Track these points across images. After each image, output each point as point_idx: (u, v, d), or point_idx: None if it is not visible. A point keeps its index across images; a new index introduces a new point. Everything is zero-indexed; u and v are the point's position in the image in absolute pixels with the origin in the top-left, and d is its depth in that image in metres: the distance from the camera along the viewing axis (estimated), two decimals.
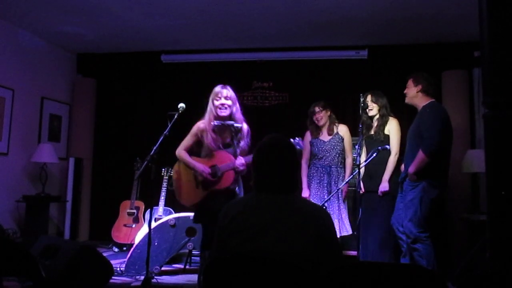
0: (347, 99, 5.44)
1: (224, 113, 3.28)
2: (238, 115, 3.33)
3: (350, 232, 4.24)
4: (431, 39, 5.27)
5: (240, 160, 3.22)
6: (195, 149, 3.41)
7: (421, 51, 5.40)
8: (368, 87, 4.45)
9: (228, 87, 3.36)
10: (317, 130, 4.43)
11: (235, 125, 3.26)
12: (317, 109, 4.38)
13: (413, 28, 4.95)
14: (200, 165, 3.25)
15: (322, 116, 4.37)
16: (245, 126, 3.36)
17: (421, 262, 3.57)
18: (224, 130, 3.33)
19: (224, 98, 3.29)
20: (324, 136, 4.41)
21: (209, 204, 3.25)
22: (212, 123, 3.29)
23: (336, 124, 4.45)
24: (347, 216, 4.31)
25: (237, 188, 3.34)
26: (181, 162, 3.38)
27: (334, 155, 4.36)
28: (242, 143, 3.29)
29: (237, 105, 3.36)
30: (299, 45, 5.67)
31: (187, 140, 3.39)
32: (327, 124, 4.41)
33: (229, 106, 3.29)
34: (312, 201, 4.24)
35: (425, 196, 3.61)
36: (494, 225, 1.49)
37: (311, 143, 4.45)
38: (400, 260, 3.83)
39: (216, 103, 3.29)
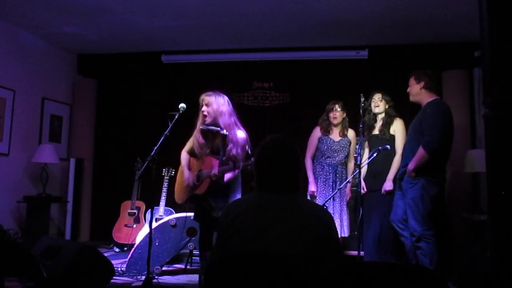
0: (347, 99, 5.43)
1: (207, 119, 3.32)
2: (225, 120, 3.28)
3: (347, 234, 4.30)
4: (431, 39, 5.27)
5: (214, 170, 3.21)
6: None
7: (421, 51, 5.39)
8: (368, 87, 4.44)
9: (211, 94, 3.34)
10: (328, 127, 4.42)
11: (221, 132, 3.26)
12: (337, 107, 4.36)
13: (413, 28, 4.95)
14: (187, 173, 3.39)
15: (338, 115, 4.37)
16: (240, 134, 3.31)
17: (424, 261, 3.58)
18: (213, 135, 3.34)
19: (205, 105, 3.33)
20: (335, 136, 4.41)
21: (203, 204, 3.32)
22: (200, 127, 3.36)
23: (348, 128, 4.46)
24: (347, 218, 4.33)
25: (235, 194, 3.31)
26: None
27: (342, 157, 4.37)
28: (229, 150, 3.23)
29: (225, 110, 3.31)
30: (300, 45, 5.67)
31: (188, 143, 3.54)
32: (340, 125, 4.42)
33: (209, 113, 3.30)
34: (318, 199, 4.27)
35: (425, 194, 3.62)
36: (494, 224, 1.50)
37: (320, 140, 4.42)
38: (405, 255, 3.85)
39: (201, 109, 3.36)
